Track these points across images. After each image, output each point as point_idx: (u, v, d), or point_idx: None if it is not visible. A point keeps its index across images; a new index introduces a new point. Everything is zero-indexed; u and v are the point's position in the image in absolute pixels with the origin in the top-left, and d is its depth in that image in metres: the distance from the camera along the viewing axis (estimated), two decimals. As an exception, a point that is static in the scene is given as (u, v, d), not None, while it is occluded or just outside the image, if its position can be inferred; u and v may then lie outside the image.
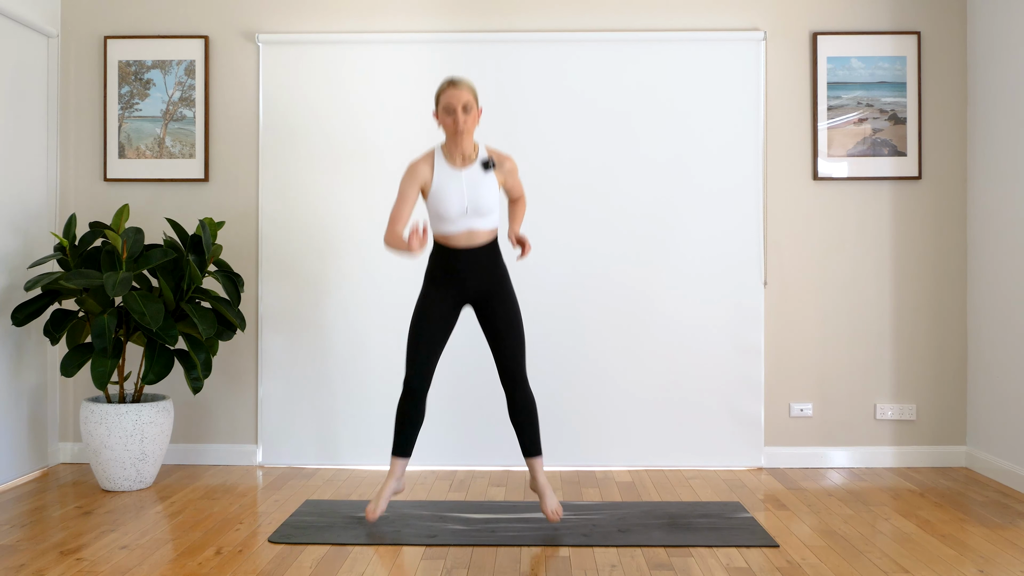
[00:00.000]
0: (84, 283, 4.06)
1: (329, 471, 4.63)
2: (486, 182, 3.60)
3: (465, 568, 3.19)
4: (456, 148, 3.61)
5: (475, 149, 3.64)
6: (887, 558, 3.28)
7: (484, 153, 3.64)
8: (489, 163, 3.60)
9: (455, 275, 3.64)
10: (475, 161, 3.61)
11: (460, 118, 3.54)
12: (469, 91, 3.58)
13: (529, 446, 3.69)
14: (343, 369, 4.72)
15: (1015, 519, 3.77)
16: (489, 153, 3.66)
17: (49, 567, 3.17)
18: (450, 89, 3.57)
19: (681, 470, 4.65)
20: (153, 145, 4.77)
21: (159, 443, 4.28)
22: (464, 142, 3.60)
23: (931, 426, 4.72)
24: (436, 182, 3.60)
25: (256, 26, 4.78)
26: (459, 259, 3.63)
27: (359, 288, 4.73)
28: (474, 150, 3.64)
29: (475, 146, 3.65)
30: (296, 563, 3.23)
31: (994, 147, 4.47)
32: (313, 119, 4.74)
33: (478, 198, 3.58)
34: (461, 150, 3.61)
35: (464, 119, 3.55)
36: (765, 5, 4.74)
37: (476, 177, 3.60)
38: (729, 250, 4.69)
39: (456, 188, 3.58)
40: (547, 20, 4.75)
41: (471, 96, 3.58)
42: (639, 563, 3.24)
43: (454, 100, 3.54)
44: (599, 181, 4.70)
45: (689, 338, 4.69)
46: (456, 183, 3.58)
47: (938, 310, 4.73)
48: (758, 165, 4.70)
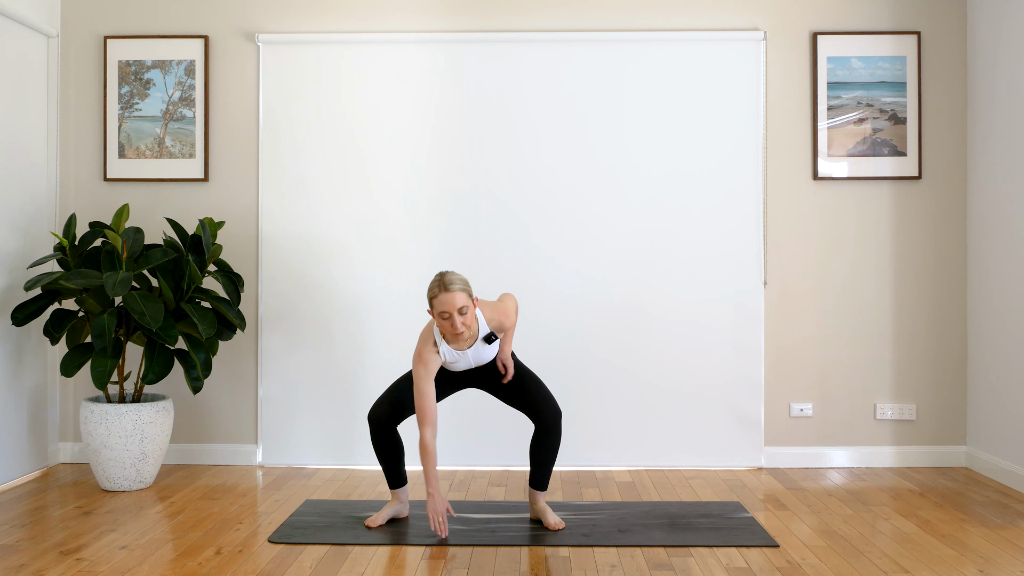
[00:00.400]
0: (84, 283, 4.06)
1: (329, 471, 4.63)
2: (489, 347, 3.60)
3: (465, 568, 3.19)
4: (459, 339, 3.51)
5: (476, 326, 3.52)
6: (887, 558, 3.28)
7: (485, 328, 3.54)
8: (491, 338, 3.56)
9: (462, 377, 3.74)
10: (478, 340, 3.55)
11: (457, 323, 3.40)
12: (462, 291, 3.40)
13: (540, 480, 3.67)
14: (343, 369, 4.72)
15: (1015, 519, 3.77)
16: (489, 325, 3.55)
17: (49, 567, 3.17)
18: (442, 295, 3.38)
19: (681, 470, 4.65)
20: (153, 145, 4.77)
21: (159, 443, 4.28)
22: (465, 337, 3.51)
23: (931, 426, 4.72)
24: (445, 361, 3.59)
25: (256, 26, 4.78)
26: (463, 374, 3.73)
27: (359, 288, 4.72)
28: (476, 331, 3.54)
29: (476, 323, 3.51)
30: (296, 563, 3.23)
31: (994, 147, 4.47)
32: (313, 119, 4.74)
33: (482, 358, 3.62)
34: (463, 341, 3.54)
35: (461, 321, 3.40)
36: (765, 5, 4.74)
37: (480, 348, 3.58)
38: (729, 250, 4.69)
39: (463, 362, 3.61)
40: (547, 20, 4.75)
41: (465, 295, 3.40)
42: (639, 563, 3.24)
43: (448, 306, 3.38)
44: (599, 181, 4.70)
45: (689, 338, 4.69)
46: (463, 359, 3.59)
47: (938, 310, 4.73)
48: (758, 165, 4.70)
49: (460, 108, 4.72)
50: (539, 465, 3.66)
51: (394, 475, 3.70)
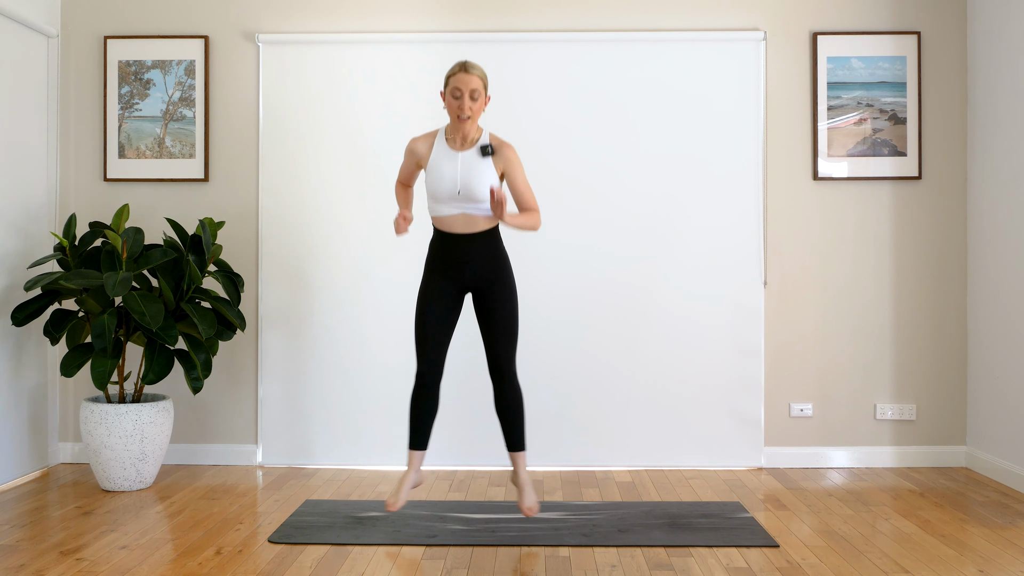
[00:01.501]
0: (84, 283, 4.06)
1: (329, 471, 4.63)
2: (482, 167, 3.54)
3: (465, 568, 3.19)
4: (457, 132, 3.57)
5: (478, 133, 3.59)
6: (887, 558, 3.28)
7: (486, 138, 3.59)
8: (487, 149, 3.54)
9: (453, 262, 3.60)
10: (475, 145, 3.58)
11: (466, 103, 3.49)
12: (480, 78, 3.52)
13: (513, 440, 3.65)
14: (343, 369, 4.72)
15: (1015, 519, 3.77)
16: (491, 139, 3.61)
17: (49, 567, 3.17)
18: (460, 73, 3.51)
19: (681, 470, 4.65)
20: (153, 145, 4.78)
21: (159, 443, 4.28)
22: (466, 127, 3.54)
23: (931, 426, 4.72)
24: (432, 161, 3.58)
25: (256, 26, 4.78)
26: (457, 245, 3.59)
27: (359, 288, 4.73)
28: (476, 134, 3.59)
29: (479, 130, 3.60)
30: (296, 563, 3.23)
31: (994, 147, 4.47)
32: (313, 119, 4.74)
33: (470, 182, 3.52)
34: (462, 135, 3.57)
35: (469, 105, 3.49)
36: (765, 5, 4.74)
37: (472, 161, 3.54)
38: (729, 250, 4.69)
39: (450, 169, 3.54)
40: (548, 20, 4.75)
41: (480, 83, 3.52)
42: (639, 563, 3.24)
43: (463, 84, 3.49)
44: (599, 181, 4.70)
45: (689, 338, 4.69)
46: (451, 164, 3.54)
47: (938, 310, 4.73)
48: (758, 165, 4.70)
49: (460, 108, 4.72)
50: (503, 423, 3.65)
51: (423, 435, 3.64)
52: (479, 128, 3.61)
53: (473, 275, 3.60)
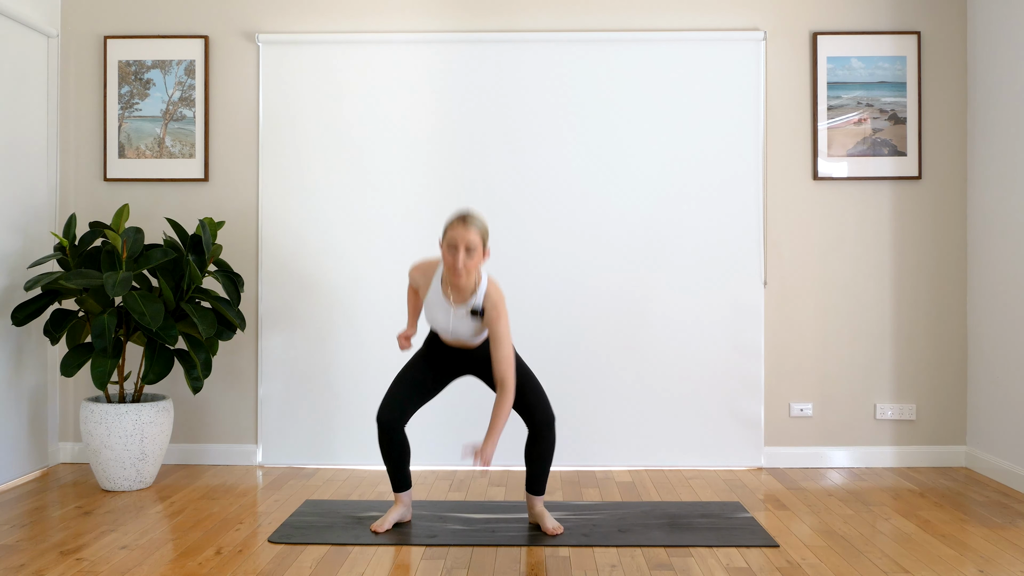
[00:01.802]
0: (84, 283, 4.06)
1: (329, 471, 4.63)
2: (470, 323, 3.50)
3: (465, 568, 3.19)
4: (450, 283, 3.46)
5: (475, 286, 3.45)
6: (887, 558, 3.28)
7: (478, 300, 3.44)
8: (477, 312, 3.45)
9: (452, 359, 3.67)
10: (466, 304, 3.47)
11: (460, 260, 3.35)
12: (478, 232, 3.38)
13: (536, 485, 3.63)
14: (343, 369, 4.72)
15: (1015, 519, 3.77)
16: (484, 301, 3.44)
17: (49, 567, 3.17)
18: (459, 226, 3.37)
19: (681, 470, 4.65)
20: (153, 145, 4.77)
21: (159, 443, 4.28)
22: (460, 281, 3.42)
23: (931, 426, 4.72)
24: (427, 300, 3.55)
25: (256, 26, 4.78)
26: (454, 352, 3.65)
27: (359, 288, 4.73)
28: (472, 288, 3.45)
29: (476, 283, 3.46)
30: (296, 563, 3.23)
31: (994, 147, 4.47)
32: (313, 119, 4.74)
33: (460, 333, 3.53)
34: (455, 288, 3.46)
35: (464, 261, 3.36)
36: (765, 5, 4.74)
37: (463, 317, 3.50)
38: (729, 250, 4.69)
39: (443, 316, 3.52)
40: (547, 20, 4.75)
41: (478, 238, 3.37)
42: (639, 563, 3.24)
43: (459, 239, 3.35)
44: (599, 181, 4.70)
45: (689, 338, 4.69)
46: (444, 314, 3.52)
47: (938, 310, 4.73)
48: (758, 165, 4.70)
49: (460, 107, 4.72)
50: (534, 470, 3.62)
51: (400, 478, 3.66)
52: (478, 278, 3.47)
53: (473, 369, 3.67)
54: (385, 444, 3.61)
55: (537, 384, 3.63)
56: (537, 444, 3.59)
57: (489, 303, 3.44)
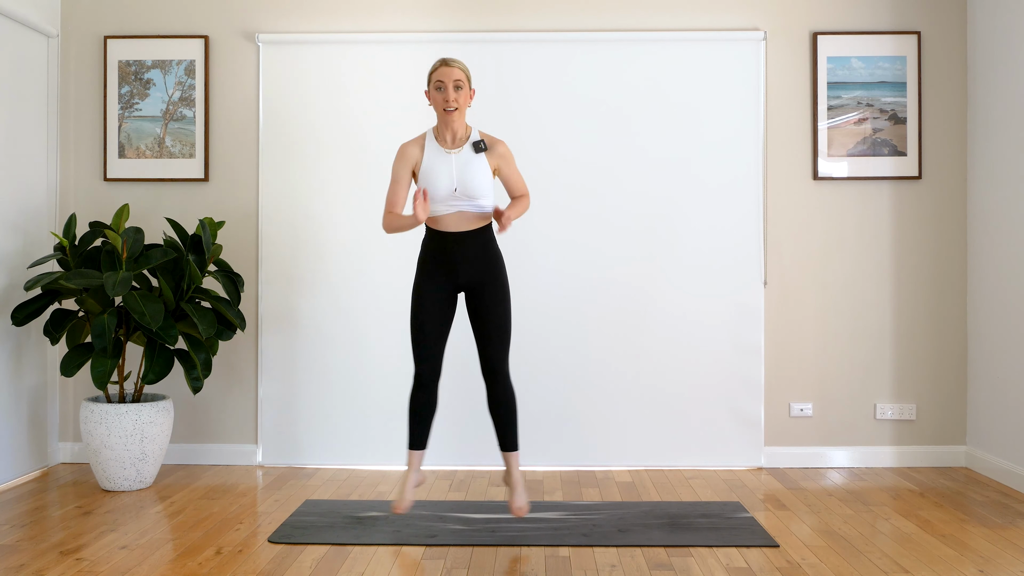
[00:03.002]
0: (84, 283, 4.06)
1: (329, 471, 4.63)
2: (477, 164, 3.53)
3: (465, 568, 3.19)
4: (446, 128, 3.54)
5: (467, 131, 3.58)
6: (887, 558, 3.28)
7: (476, 135, 3.58)
8: (480, 145, 3.53)
9: (446, 261, 3.56)
10: (466, 143, 3.55)
11: (451, 95, 3.47)
12: (462, 70, 3.51)
13: (506, 440, 3.62)
14: (343, 369, 4.72)
15: (1015, 519, 3.77)
16: (482, 136, 3.60)
17: (49, 567, 3.17)
18: (442, 67, 3.51)
19: (681, 470, 4.65)
20: (153, 145, 4.78)
21: (159, 443, 4.28)
22: (454, 121, 3.51)
23: (931, 426, 4.72)
24: (425, 163, 3.54)
25: (256, 26, 4.78)
26: (450, 243, 3.55)
27: (359, 288, 4.73)
28: (466, 132, 3.57)
29: (467, 128, 3.58)
30: (296, 563, 3.23)
31: (994, 147, 4.47)
32: (313, 119, 4.74)
33: (467, 180, 3.51)
34: (451, 130, 3.54)
35: (455, 96, 3.47)
36: (765, 5, 4.74)
37: (466, 158, 3.53)
38: (729, 250, 4.69)
39: (445, 169, 3.51)
40: (547, 20, 4.75)
41: (463, 75, 3.51)
42: (639, 563, 3.24)
43: (445, 76, 3.48)
44: (599, 181, 4.70)
45: (689, 338, 4.69)
46: (445, 164, 3.52)
47: (938, 310, 4.73)
48: (758, 165, 4.70)
49: (460, 108, 4.72)
50: (501, 422, 3.60)
51: (422, 435, 3.62)
52: (467, 126, 3.60)
53: (466, 274, 3.57)
54: (422, 399, 3.58)
55: (508, 331, 3.60)
56: (492, 395, 3.59)
57: (488, 137, 3.59)
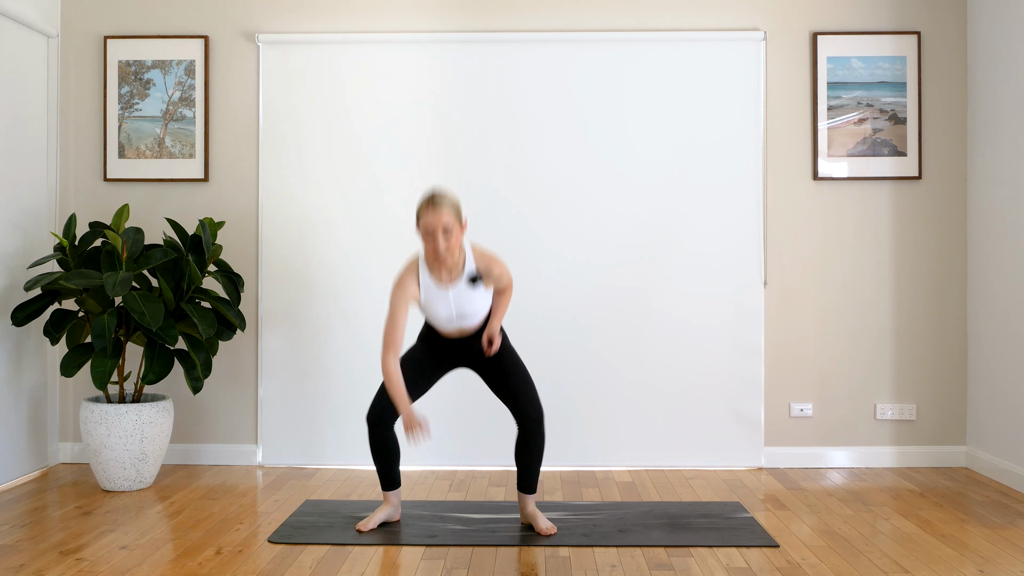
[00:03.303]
0: (84, 283, 4.06)
1: (329, 471, 4.63)
2: (474, 294, 3.49)
3: (465, 568, 3.19)
4: (440, 266, 3.46)
5: (461, 260, 3.46)
6: (887, 558, 3.28)
7: (471, 267, 3.46)
8: (476, 278, 3.45)
9: (448, 351, 3.65)
10: (461, 277, 3.46)
11: (440, 244, 3.34)
12: (450, 211, 3.35)
13: (528, 483, 3.62)
14: (343, 369, 4.72)
15: (1015, 519, 3.77)
16: (476, 261, 3.47)
17: (49, 567, 3.17)
18: (429, 211, 3.35)
19: (681, 470, 4.65)
20: (153, 145, 4.78)
21: (159, 443, 4.28)
22: (447, 261, 3.42)
23: (931, 426, 4.72)
24: (423, 298, 3.50)
25: (256, 26, 4.78)
26: (451, 343, 3.63)
27: (359, 288, 4.72)
28: (460, 262, 3.45)
29: (462, 254, 3.46)
30: (296, 563, 3.23)
31: (994, 147, 4.47)
32: (313, 119, 4.74)
33: (465, 309, 3.49)
34: (446, 268, 3.45)
35: (444, 244, 3.34)
36: (765, 5, 4.74)
37: (463, 292, 3.48)
38: (729, 250, 4.69)
39: (443, 303, 3.49)
40: (547, 20, 4.75)
41: (452, 217, 3.35)
42: (639, 563, 3.24)
43: (433, 224, 3.33)
44: (598, 181, 4.70)
45: (689, 338, 4.69)
46: (443, 299, 3.48)
47: (938, 310, 4.73)
48: (758, 165, 4.70)
49: (460, 107, 4.72)
50: (524, 467, 3.61)
51: (388, 477, 3.66)
52: (462, 250, 3.46)
53: (468, 362, 3.67)
54: (375, 443, 3.62)
55: (529, 379, 3.62)
56: (527, 441, 3.58)
57: (483, 263, 3.49)
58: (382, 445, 3.63)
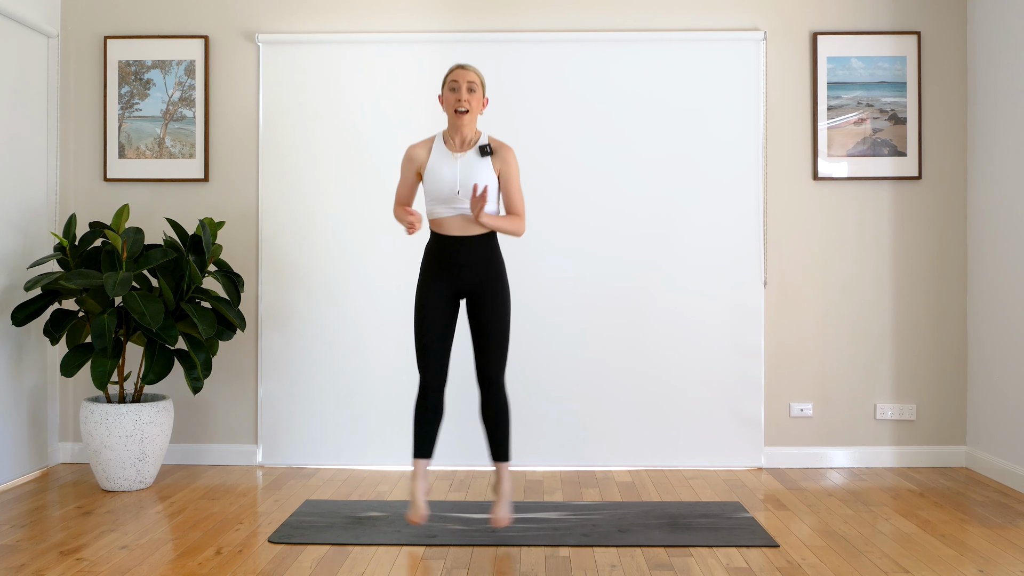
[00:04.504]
0: (84, 283, 4.06)
1: (329, 471, 4.63)
2: (481, 168, 3.49)
3: (465, 568, 3.19)
4: (456, 131, 3.52)
5: (477, 136, 3.55)
6: (887, 558, 3.28)
7: (485, 139, 3.55)
8: (487, 149, 3.50)
9: (449, 265, 3.53)
10: (473, 147, 3.54)
11: (463, 95, 3.46)
12: (477, 75, 3.52)
13: (497, 450, 3.57)
14: (343, 369, 4.72)
15: (1015, 519, 3.77)
16: (490, 140, 3.58)
17: (49, 567, 3.17)
18: (457, 69, 3.52)
19: (681, 470, 4.65)
20: (153, 145, 4.78)
21: (159, 443, 4.28)
22: (464, 125, 3.48)
23: (931, 426, 4.72)
24: (430, 164, 3.53)
25: (256, 26, 4.78)
26: (452, 246, 3.52)
27: (359, 288, 4.73)
28: (475, 137, 3.54)
29: (478, 133, 3.56)
30: (296, 563, 3.23)
31: (994, 147, 4.47)
32: (313, 119, 4.74)
33: (470, 182, 3.46)
34: (460, 134, 3.52)
35: (467, 97, 3.47)
36: (765, 5, 4.74)
37: (471, 161, 3.50)
38: (729, 250, 4.69)
39: (449, 170, 3.49)
40: (547, 20, 4.75)
41: (478, 79, 3.51)
42: (639, 563, 3.24)
43: (459, 78, 3.49)
44: (599, 182, 4.70)
45: (689, 338, 4.69)
46: (449, 166, 3.50)
47: (938, 310, 4.73)
48: (758, 165, 4.70)
49: (460, 108, 4.72)
50: (493, 432, 3.55)
51: (428, 443, 3.55)
52: (478, 131, 3.57)
53: (468, 279, 3.53)
54: (429, 407, 3.53)
55: (505, 341, 3.55)
56: (485, 404, 3.55)
57: (496, 142, 3.57)
58: (435, 407, 3.53)
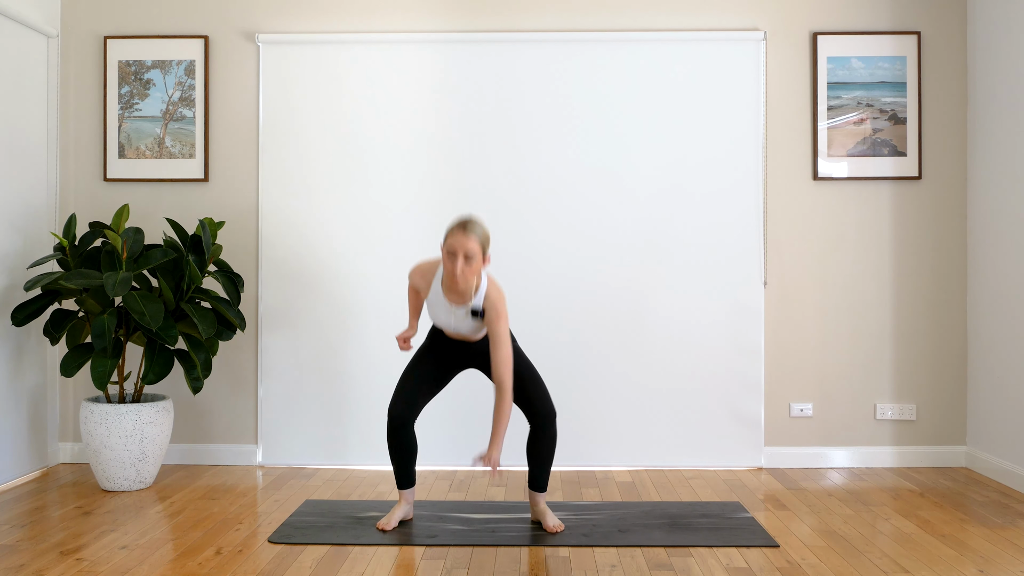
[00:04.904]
0: (84, 283, 4.06)
1: (329, 471, 4.63)
2: (472, 322, 3.53)
3: (465, 568, 3.19)
4: (452, 288, 3.47)
5: (474, 289, 3.46)
6: (887, 558, 3.28)
7: (479, 301, 3.46)
8: (477, 313, 3.47)
9: (456, 352, 3.69)
10: (466, 304, 3.48)
11: (458, 267, 3.37)
12: (477, 240, 3.38)
13: (540, 482, 3.65)
14: (343, 369, 4.72)
15: (1015, 519, 3.77)
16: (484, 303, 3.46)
17: (49, 567, 3.17)
18: (458, 233, 3.38)
19: (681, 470, 4.65)
20: (153, 145, 4.78)
21: (159, 443, 4.28)
22: (458, 286, 3.43)
23: (931, 426, 4.73)
24: (429, 300, 3.58)
25: (256, 26, 4.78)
26: (457, 345, 3.68)
27: (359, 287, 4.73)
28: (471, 291, 3.46)
29: (476, 284, 3.46)
30: (296, 563, 3.23)
31: (994, 147, 4.47)
32: (313, 119, 4.74)
33: (463, 330, 3.58)
34: (456, 292, 3.47)
35: (462, 268, 3.37)
36: (765, 5, 4.74)
37: (463, 316, 3.52)
38: (729, 250, 4.69)
39: (444, 317, 3.56)
40: (547, 20, 4.75)
41: (477, 246, 3.38)
42: (639, 563, 3.24)
43: (458, 246, 3.36)
44: (598, 182, 4.70)
45: (689, 338, 4.69)
46: (445, 314, 3.55)
47: (938, 310, 4.73)
48: (758, 165, 4.70)
49: (460, 107, 4.72)
50: (536, 466, 3.64)
51: (406, 475, 3.67)
52: (479, 278, 3.46)
53: (471, 362, 3.70)
54: (395, 440, 3.62)
55: (538, 378, 3.65)
56: (538, 440, 3.62)
57: (488, 304, 3.46)
58: (402, 442, 3.62)
